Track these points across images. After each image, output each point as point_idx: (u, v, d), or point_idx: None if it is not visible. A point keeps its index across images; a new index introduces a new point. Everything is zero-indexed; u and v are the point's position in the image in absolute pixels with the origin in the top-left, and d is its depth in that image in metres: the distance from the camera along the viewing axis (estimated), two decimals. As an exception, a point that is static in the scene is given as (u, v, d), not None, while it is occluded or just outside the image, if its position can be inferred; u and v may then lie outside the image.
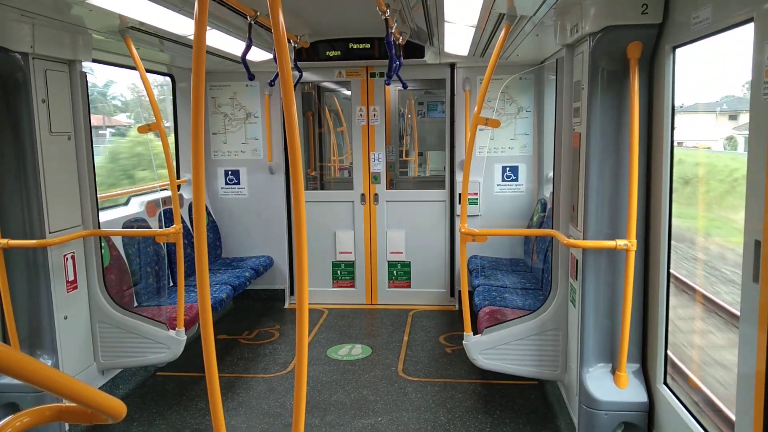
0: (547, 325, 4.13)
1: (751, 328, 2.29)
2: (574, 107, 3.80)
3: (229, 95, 6.93)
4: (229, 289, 5.70)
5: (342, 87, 8.41)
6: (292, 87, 1.68)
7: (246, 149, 7.01)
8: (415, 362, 5.41)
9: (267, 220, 7.09)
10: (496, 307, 4.97)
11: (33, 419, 1.47)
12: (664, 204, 3.25)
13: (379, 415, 4.44)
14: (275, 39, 1.65)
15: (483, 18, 4.08)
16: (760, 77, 2.22)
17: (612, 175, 3.48)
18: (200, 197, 1.70)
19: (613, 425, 3.50)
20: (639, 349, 3.56)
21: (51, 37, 3.93)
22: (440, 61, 6.52)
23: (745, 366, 2.36)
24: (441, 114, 7.82)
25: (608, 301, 3.59)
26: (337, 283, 7.23)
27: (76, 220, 4.33)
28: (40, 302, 4.05)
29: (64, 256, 4.22)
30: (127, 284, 5.20)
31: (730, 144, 7.17)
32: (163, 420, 4.41)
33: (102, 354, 4.58)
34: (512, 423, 4.28)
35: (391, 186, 7.31)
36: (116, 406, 1.52)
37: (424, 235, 7.02)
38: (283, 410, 4.52)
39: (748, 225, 2.34)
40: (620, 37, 3.23)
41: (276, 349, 5.79)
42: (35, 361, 1.21)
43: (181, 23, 4.13)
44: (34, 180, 3.93)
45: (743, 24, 2.48)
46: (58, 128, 4.13)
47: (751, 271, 2.30)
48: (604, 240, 3.47)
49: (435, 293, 7.12)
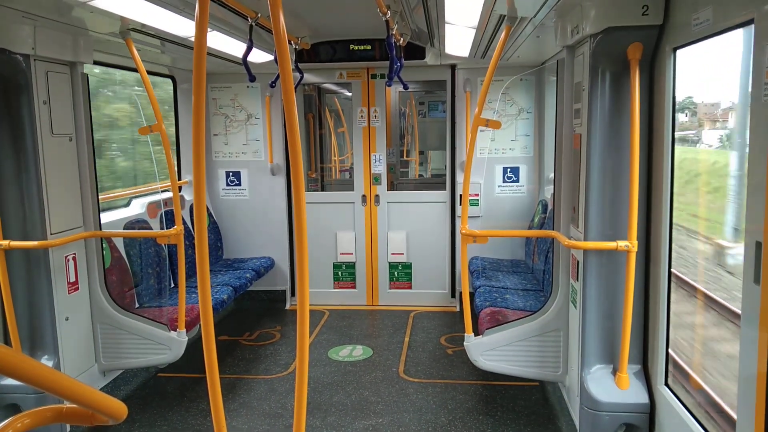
0: (548, 326, 4.12)
1: (753, 329, 2.28)
2: (575, 108, 3.80)
3: (230, 97, 6.94)
4: (230, 290, 5.70)
5: (343, 88, 8.42)
6: (292, 88, 1.68)
7: (247, 150, 7.01)
8: (416, 363, 5.41)
9: (268, 222, 7.09)
10: (497, 308, 4.97)
11: (34, 420, 1.47)
12: (664, 205, 3.25)
13: (380, 416, 4.44)
14: (276, 40, 1.65)
15: (484, 19, 4.08)
16: (761, 78, 2.22)
17: (612, 176, 3.48)
18: (201, 198, 1.70)
19: (614, 426, 3.49)
20: (640, 350, 3.56)
21: (52, 38, 3.93)
22: (441, 62, 6.52)
23: (746, 367, 2.35)
24: (442, 113, 7.82)
25: (609, 302, 3.58)
26: (338, 284, 7.23)
27: (77, 221, 4.34)
28: (41, 303, 4.05)
29: (66, 258, 4.23)
30: (128, 285, 5.20)
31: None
32: (165, 421, 4.41)
33: (103, 355, 4.58)
34: (513, 424, 4.28)
35: (392, 187, 7.31)
36: (117, 407, 1.52)
37: (425, 237, 7.02)
38: (284, 411, 4.52)
39: (749, 226, 2.34)
40: (621, 38, 3.23)
41: (277, 350, 5.79)
42: (36, 362, 1.21)
43: (182, 25, 4.14)
44: (36, 181, 3.93)
45: (744, 25, 2.48)
46: (60, 129, 4.13)
47: (752, 272, 2.30)
48: (605, 241, 3.47)
49: (436, 294, 7.12)
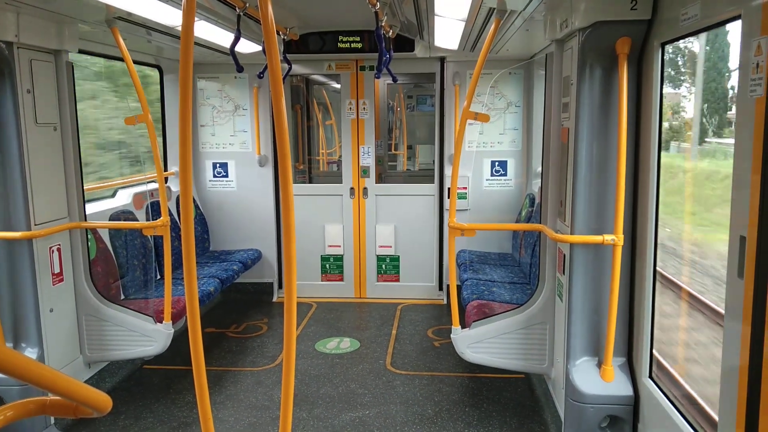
0: (535, 319, 4.15)
1: (736, 323, 2.31)
2: (563, 102, 3.81)
3: (218, 87, 6.88)
4: (216, 282, 5.67)
5: (331, 80, 8.38)
6: (281, 79, 1.67)
7: (234, 142, 6.96)
8: (403, 356, 5.43)
9: (255, 213, 7.06)
10: (484, 301, 4.99)
11: (17, 413, 1.46)
12: (651, 200, 3.27)
13: (367, 408, 4.45)
14: (264, 31, 1.63)
15: (473, 12, 4.08)
16: (747, 74, 2.24)
17: (600, 171, 3.50)
18: (188, 190, 1.68)
19: (599, 418, 3.53)
20: (625, 343, 3.59)
21: (36, 26, 3.87)
22: (430, 54, 6.51)
23: (729, 361, 2.39)
24: (430, 107, 7.82)
25: (595, 296, 3.61)
26: (325, 277, 7.23)
27: (62, 212, 4.29)
28: (25, 295, 4.01)
29: (50, 249, 4.18)
30: (113, 277, 5.16)
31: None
32: (150, 413, 4.39)
33: (88, 347, 4.55)
34: (499, 416, 4.31)
35: (380, 180, 7.30)
36: (101, 400, 1.51)
37: (413, 229, 7.03)
38: (270, 403, 4.52)
39: (734, 221, 2.36)
40: (609, 32, 3.24)
41: (264, 342, 5.78)
42: (20, 354, 1.20)
43: (169, 14, 4.09)
44: (20, 171, 3.88)
45: (731, 21, 2.50)
46: (44, 119, 4.07)
47: (736, 266, 2.32)
48: (591, 235, 3.49)
49: (423, 287, 7.14)
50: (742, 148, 2.28)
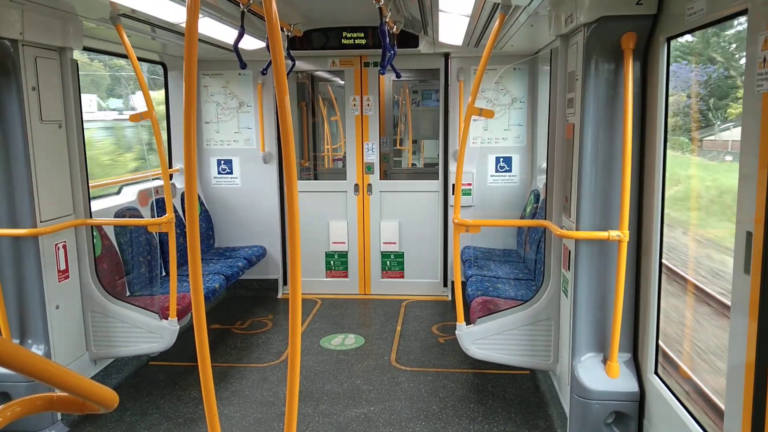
0: (540, 315, 4.15)
1: (742, 318, 2.31)
2: (568, 98, 3.79)
3: (222, 84, 6.88)
4: (221, 278, 5.68)
5: (336, 76, 8.37)
6: (285, 76, 1.67)
7: (239, 138, 6.97)
8: (408, 352, 5.43)
9: (260, 210, 7.07)
10: (488, 297, 4.98)
11: (24, 409, 1.46)
12: (656, 195, 3.26)
13: (372, 404, 4.46)
14: (268, 27, 1.63)
15: (477, 7, 4.06)
16: (754, 69, 2.23)
17: (605, 166, 3.48)
18: (192, 186, 1.68)
19: (604, 414, 3.53)
20: (630, 339, 3.59)
21: (41, 23, 3.88)
22: (434, 50, 6.49)
23: (735, 356, 2.38)
24: (435, 102, 7.80)
25: (600, 292, 3.61)
26: (330, 273, 7.23)
27: (67, 209, 4.30)
28: (31, 292, 4.03)
29: (56, 246, 4.19)
30: (119, 274, 5.18)
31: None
32: (156, 409, 4.41)
33: (94, 343, 4.57)
34: (504, 412, 4.31)
35: (384, 176, 7.29)
36: (108, 396, 1.52)
37: (418, 226, 7.02)
38: (276, 399, 4.53)
39: (740, 216, 2.35)
40: (614, 27, 3.22)
41: (269, 338, 5.80)
42: (26, 350, 1.20)
43: (173, 10, 4.09)
44: (25, 169, 3.89)
45: (737, 15, 2.48)
46: (49, 116, 4.08)
47: (742, 262, 2.32)
48: (596, 231, 3.48)
49: (428, 283, 7.14)
50: (749, 143, 2.27)
